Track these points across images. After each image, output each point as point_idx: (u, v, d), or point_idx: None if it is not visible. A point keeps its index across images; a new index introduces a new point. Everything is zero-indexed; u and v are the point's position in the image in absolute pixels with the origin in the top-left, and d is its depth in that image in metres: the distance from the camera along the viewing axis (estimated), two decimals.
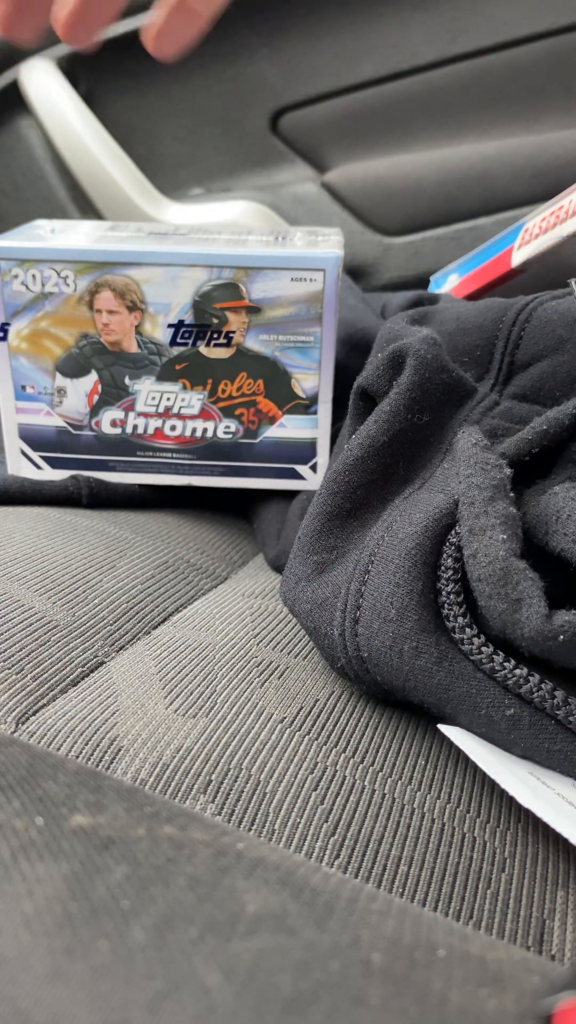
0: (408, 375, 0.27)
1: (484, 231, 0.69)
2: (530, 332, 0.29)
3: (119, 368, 0.37)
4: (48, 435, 0.38)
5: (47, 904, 0.14)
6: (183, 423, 0.38)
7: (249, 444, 0.38)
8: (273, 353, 0.37)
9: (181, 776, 0.21)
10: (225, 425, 0.38)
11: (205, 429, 0.38)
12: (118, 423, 0.38)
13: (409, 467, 0.27)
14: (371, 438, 0.26)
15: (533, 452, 0.24)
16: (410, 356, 0.27)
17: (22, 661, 0.25)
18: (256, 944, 0.14)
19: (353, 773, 0.22)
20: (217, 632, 0.28)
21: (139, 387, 0.37)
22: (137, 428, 0.38)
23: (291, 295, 0.35)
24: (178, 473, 0.39)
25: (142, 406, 0.37)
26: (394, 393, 0.27)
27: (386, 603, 0.22)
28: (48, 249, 0.35)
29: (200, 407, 0.37)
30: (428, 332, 0.29)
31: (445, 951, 0.15)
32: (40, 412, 0.38)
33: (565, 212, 0.40)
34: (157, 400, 0.37)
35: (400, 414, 0.26)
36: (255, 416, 0.37)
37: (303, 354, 0.36)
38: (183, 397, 0.37)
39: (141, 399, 0.37)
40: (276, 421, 0.37)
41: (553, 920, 0.18)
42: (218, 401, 0.37)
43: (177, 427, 0.38)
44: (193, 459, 0.39)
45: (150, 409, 0.38)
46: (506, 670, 0.20)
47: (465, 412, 0.28)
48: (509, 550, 0.20)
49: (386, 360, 0.28)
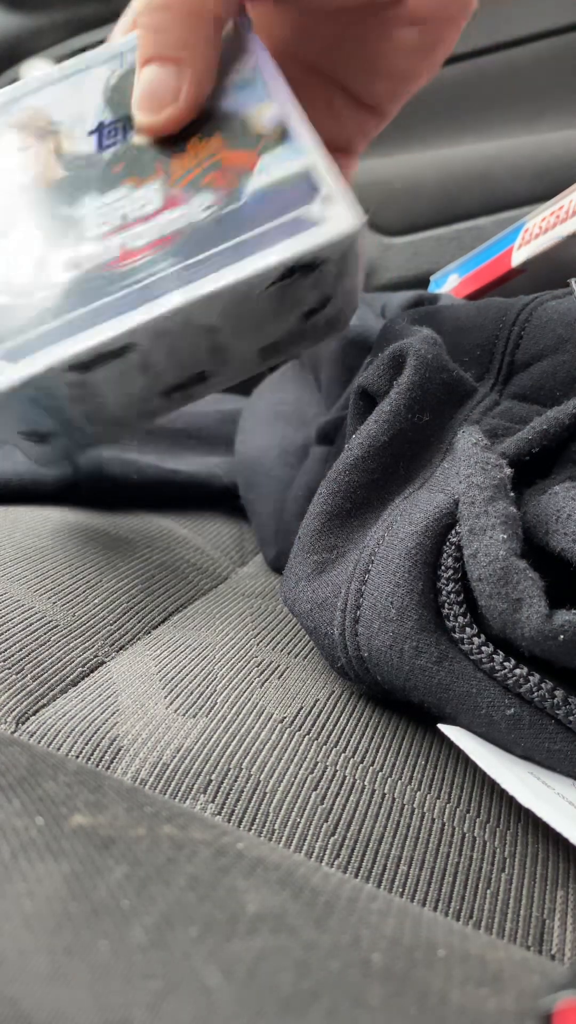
0: (408, 375, 0.27)
1: (484, 231, 0.69)
2: (530, 332, 0.29)
3: (53, 202, 0.30)
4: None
5: (47, 904, 0.14)
6: (147, 224, 0.29)
7: (235, 211, 0.30)
8: (217, 103, 0.30)
9: (181, 776, 0.21)
10: (199, 202, 0.30)
11: (178, 218, 0.30)
12: (72, 264, 0.29)
13: (409, 467, 0.27)
14: (371, 438, 0.26)
15: (533, 452, 0.24)
16: (411, 356, 0.27)
17: (22, 661, 0.25)
18: (256, 944, 0.14)
19: (353, 773, 0.22)
20: (217, 632, 0.28)
21: (81, 211, 0.30)
22: (98, 258, 0.29)
23: None
24: (171, 290, 0.30)
25: (94, 229, 0.30)
26: (394, 393, 0.27)
27: (386, 603, 0.22)
28: None
29: (162, 197, 0.30)
30: (428, 332, 0.29)
31: (445, 951, 0.15)
32: None
33: (565, 212, 0.40)
34: (107, 214, 0.30)
35: (401, 414, 0.26)
36: (227, 175, 0.30)
37: (248, 88, 0.30)
38: (136, 196, 0.30)
39: (89, 222, 0.30)
40: (253, 167, 0.30)
41: (553, 920, 0.18)
42: (178, 181, 0.30)
43: (143, 232, 0.30)
44: (180, 261, 0.30)
45: (104, 229, 0.30)
46: (506, 670, 0.20)
47: (465, 412, 0.28)
48: (509, 550, 0.20)
49: (386, 360, 0.28)
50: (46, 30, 0.80)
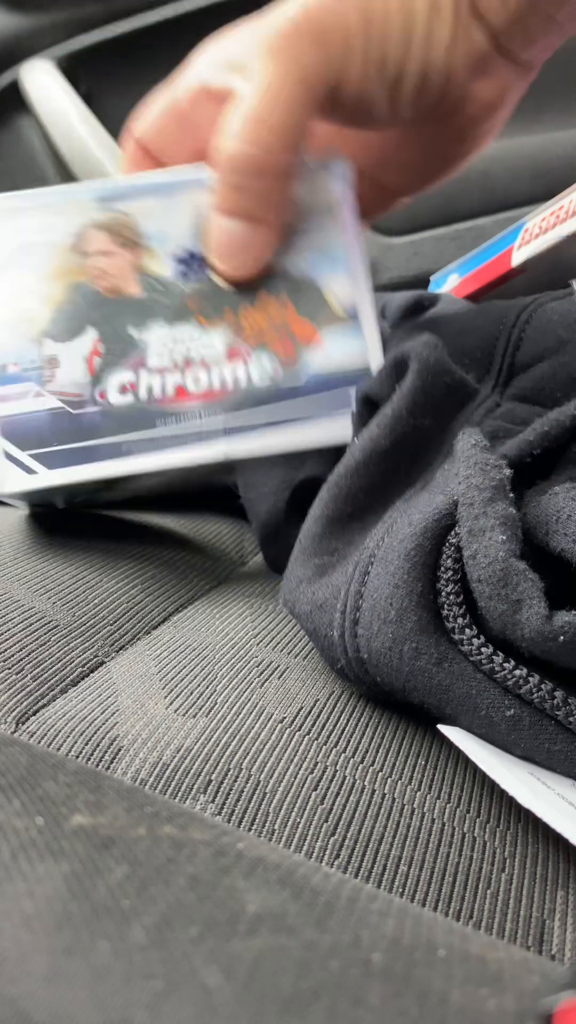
0: (411, 379, 0.27)
1: (484, 231, 0.69)
2: (530, 334, 0.29)
3: (121, 318, 0.30)
4: (39, 424, 0.30)
5: (47, 904, 0.14)
6: (207, 372, 0.31)
7: (290, 382, 0.31)
8: (296, 263, 0.31)
9: (181, 776, 0.21)
10: (258, 363, 0.31)
11: (235, 374, 0.31)
12: (128, 387, 0.30)
13: (411, 470, 0.27)
14: (373, 442, 0.26)
15: (535, 453, 0.24)
16: (412, 360, 0.27)
17: (22, 661, 0.25)
18: (256, 944, 0.14)
19: (353, 773, 0.22)
20: (217, 632, 0.28)
21: (148, 336, 0.30)
22: (153, 390, 0.30)
23: (303, 201, 0.31)
24: (211, 441, 0.31)
25: (155, 360, 0.30)
26: (396, 397, 0.27)
27: (385, 604, 0.22)
28: (26, 194, 0.31)
29: (225, 347, 0.31)
30: (430, 336, 0.29)
31: (445, 951, 0.15)
32: (27, 395, 0.30)
33: (565, 212, 0.40)
34: (172, 348, 0.30)
35: (403, 418, 0.26)
36: (289, 342, 0.31)
37: (329, 260, 0.31)
38: (202, 339, 0.31)
39: (153, 351, 0.30)
40: (315, 341, 0.31)
41: (553, 920, 0.18)
42: (243, 334, 0.31)
43: (201, 378, 0.30)
44: (228, 417, 0.31)
45: (165, 362, 0.30)
46: (506, 671, 0.20)
47: (467, 414, 0.28)
48: (509, 551, 0.20)
49: (388, 366, 0.28)
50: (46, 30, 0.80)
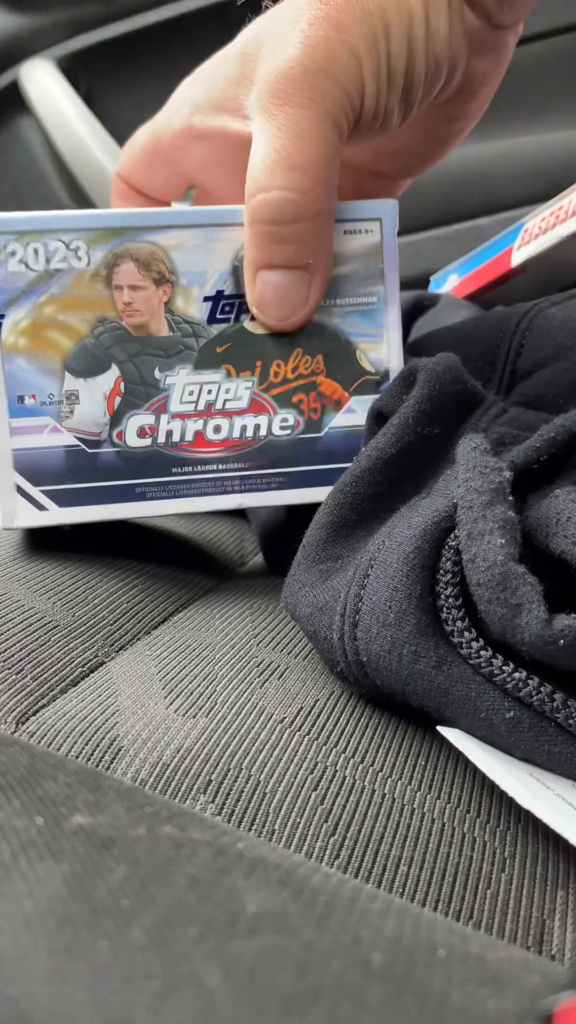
0: (418, 388, 0.27)
1: (484, 231, 0.69)
2: (531, 340, 0.29)
3: (146, 358, 0.29)
4: (54, 461, 0.29)
5: (47, 904, 0.14)
6: (229, 421, 0.30)
7: (312, 440, 0.30)
8: (332, 320, 0.30)
9: (181, 776, 0.21)
10: (282, 418, 0.30)
11: (257, 426, 0.30)
12: (147, 431, 0.29)
13: (418, 479, 0.27)
14: (379, 450, 0.26)
15: (542, 459, 0.24)
16: (421, 372, 0.28)
17: (22, 661, 0.25)
18: (256, 944, 0.14)
19: (353, 773, 0.22)
20: (217, 632, 0.28)
21: (172, 380, 0.29)
22: (172, 435, 0.30)
23: (346, 250, 0.30)
24: (227, 492, 0.30)
25: (177, 405, 0.29)
26: (403, 407, 0.27)
27: (384, 607, 0.22)
28: (53, 216, 0.28)
29: (249, 398, 0.30)
30: (445, 353, 0.29)
31: (445, 951, 0.15)
32: (43, 430, 0.29)
33: (565, 212, 0.40)
34: (196, 395, 0.30)
35: (409, 426, 0.26)
36: (316, 402, 0.30)
37: (366, 318, 0.30)
38: (227, 387, 0.30)
39: (176, 395, 0.29)
40: (343, 405, 0.30)
41: (553, 920, 0.18)
42: (270, 388, 0.30)
43: (223, 427, 0.30)
44: (244, 469, 0.30)
45: (187, 408, 0.30)
46: (505, 673, 0.20)
47: (473, 421, 0.28)
48: (508, 554, 0.20)
49: (399, 380, 0.29)
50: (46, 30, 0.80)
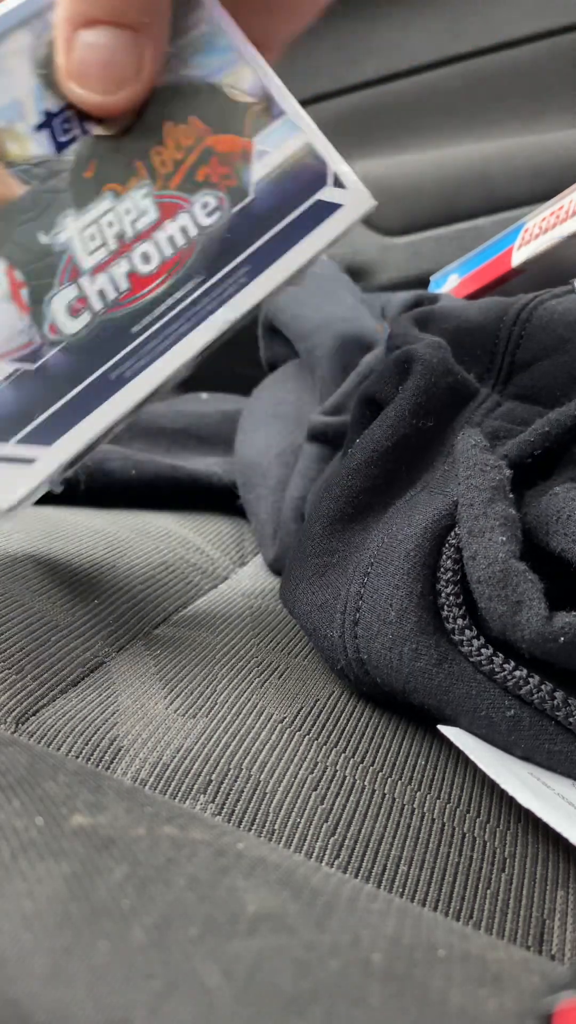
0: (414, 380, 0.27)
1: (484, 231, 0.69)
2: (531, 332, 0.29)
3: (21, 229, 0.24)
4: (5, 403, 0.23)
5: (47, 904, 0.14)
6: (152, 243, 0.25)
7: (247, 208, 0.26)
8: (177, 75, 0.25)
9: (181, 776, 0.21)
10: (201, 204, 0.25)
11: (183, 228, 0.25)
12: (77, 306, 0.24)
13: (412, 471, 0.27)
14: (375, 443, 0.26)
15: (535, 454, 0.24)
16: (416, 362, 0.27)
17: (22, 661, 0.25)
18: (256, 944, 0.14)
19: (353, 773, 0.22)
20: (217, 632, 0.28)
21: (64, 235, 0.24)
22: (106, 294, 0.24)
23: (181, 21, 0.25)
24: (204, 317, 0.25)
25: (87, 258, 0.24)
26: (399, 398, 0.27)
27: (385, 605, 0.22)
28: None
29: (156, 205, 0.25)
30: (434, 338, 0.29)
31: (445, 951, 0.15)
32: None
33: (565, 212, 0.40)
34: (99, 236, 0.24)
35: (405, 419, 0.26)
36: (223, 166, 0.25)
37: (209, 50, 0.25)
38: (125, 208, 0.25)
39: (79, 249, 0.24)
40: (251, 153, 0.26)
41: (553, 920, 0.18)
42: (168, 181, 0.25)
43: (150, 253, 0.25)
44: (204, 282, 0.25)
45: (100, 255, 0.24)
46: (506, 671, 0.20)
47: (467, 414, 0.28)
48: (509, 552, 0.20)
49: (391, 366, 0.28)
50: None
